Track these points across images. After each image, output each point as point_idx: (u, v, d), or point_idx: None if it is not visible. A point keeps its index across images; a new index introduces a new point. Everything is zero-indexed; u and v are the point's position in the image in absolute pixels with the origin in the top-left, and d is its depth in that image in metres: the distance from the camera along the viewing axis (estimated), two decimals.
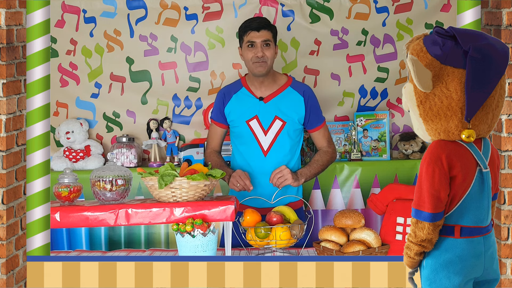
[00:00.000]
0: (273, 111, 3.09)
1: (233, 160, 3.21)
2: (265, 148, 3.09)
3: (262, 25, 3.03)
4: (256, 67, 3.03)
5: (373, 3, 3.68)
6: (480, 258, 1.81)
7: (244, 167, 3.12)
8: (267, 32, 3.03)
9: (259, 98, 3.10)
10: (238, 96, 3.13)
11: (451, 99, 1.75)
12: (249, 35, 3.03)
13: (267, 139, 3.09)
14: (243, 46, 3.07)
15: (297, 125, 3.13)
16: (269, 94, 3.11)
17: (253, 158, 3.11)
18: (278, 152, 3.09)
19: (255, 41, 3.01)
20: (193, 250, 2.50)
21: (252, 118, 3.09)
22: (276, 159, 3.09)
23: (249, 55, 3.03)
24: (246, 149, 3.12)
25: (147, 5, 3.65)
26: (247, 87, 3.13)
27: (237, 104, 3.12)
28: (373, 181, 3.63)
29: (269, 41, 3.03)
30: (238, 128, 3.13)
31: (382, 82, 3.79)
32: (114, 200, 2.65)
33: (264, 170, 3.08)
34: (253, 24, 3.04)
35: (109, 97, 3.76)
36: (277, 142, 3.09)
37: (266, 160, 3.09)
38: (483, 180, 1.80)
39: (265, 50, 3.02)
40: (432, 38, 1.77)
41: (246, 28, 3.05)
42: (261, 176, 3.08)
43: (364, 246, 2.59)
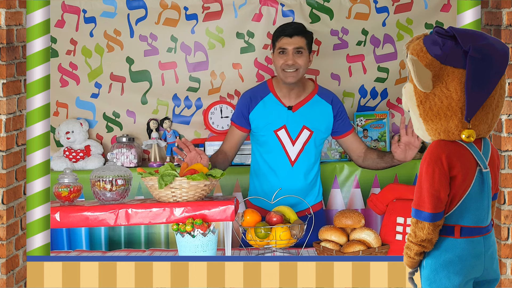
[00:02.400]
0: (301, 120, 3.03)
1: (256, 166, 3.14)
2: (292, 158, 3.04)
3: (296, 31, 2.92)
4: (286, 76, 2.93)
5: (373, 3, 3.68)
6: (480, 258, 1.81)
7: (270, 176, 3.08)
8: (300, 38, 2.93)
9: (287, 107, 3.02)
10: (265, 103, 3.05)
11: (451, 99, 1.75)
12: (281, 41, 2.93)
13: (294, 149, 3.04)
14: (274, 52, 2.98)
15: (323, 134, 3.09)
16: (297, 102, 3.04)
17: (280, 167, 3.06)
18: (304, 161, 3.06)
19: (287, 48, 2.92)
20: (193, 250, 2.50)
21: (280, 128, 3.04)
22: (303, 169, 3.06)
23: (279, 61, 2.93)
24: (273, 158, 3.06)
25: (147, 5, 3.65)
26: (274, 94, 3.05)
27: (264, 112, 3.05)
28: (373, 181, 3.63)
29: (302, 48, 2.93)
30: (264, 137, 3.07)
31: (382, 82, 3.79)
32: (114, 200, 2.65)
33: (291, 179, 3.06)
34: (287, 29, 2.94)
35: (109, 97, 3.76)
36: (304, 152, 3.05)
37: (293, 170, 3.06)
38: (483, 180, 1.80)
39: (296, 57, 2.91)
40: (432, 38, 1.77)
41: (279, 34, 2.95)
42: (288, 186, 3.04)
43: (364, 246, 2.59)
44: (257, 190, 3.15)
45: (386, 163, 3.01)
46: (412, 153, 2.85)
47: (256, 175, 3.15)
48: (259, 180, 3.14)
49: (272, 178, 3.07)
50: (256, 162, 3.15)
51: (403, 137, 2.83)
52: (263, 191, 3.10)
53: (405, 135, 2.83)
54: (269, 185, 3.08)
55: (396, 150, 2.87)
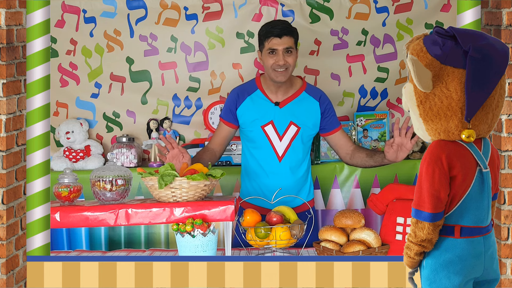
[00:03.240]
0: (288, 116, 3.06)
1: (245, 162, 3.17)
2: (279, 153, 3.07)
3: (285, 31, 2.94)
4: (277, 76, 2.96)
5: (373, 3, 3.68)
6: (480, 258, 1.81)
7: (258, 171, 3.10)
8: (289, 38, 2.95)
9: (274, 103, 3.05)
10: (252, 99, 3.08)
11: (451, 99, 1.75)
12: (270, 42, 2.95)
13: (282, 145, 3.06)
14: (263, 52, 2.99)
15: (310, 131, 3.11)
16: (285, 99, 3.07)
17: (268, 163, 3.08)
18: (292, 157, 3.08)
19: (277, 48, 2.94)
20: (193, 250, 2.50)
21: (267, 123, 3.06)
22: (290, 164, 3.08)
23: (269, 62, 2.95)
24: (260, 153, 3.09)
25: (147, 5, 3.65)
26: (262, 90, 3.08)
27: (251, 107, 3.08)
28: (373, 181, 3.63)
29: (291, 48, 2.95)
30: (252, 132, 3.09)
31: (382, 82, 3.79)
32: (114, 200, 2.65)
33: (278, 175, 3.08)
34: (276, 30, 2.95)
35: (109, 97, 3.76)
36: (291, 148, 3.07)
37: (280, 165, 3.08)
38: (483, 180, 1.80)
39: (287, 57, 2.94)
40: (432, 38, 1.77)
41: (268, 34, 2.96)
42: (275, 181, 3.07)
43: (364, 246, 2.59)
44: (248, 187, 3.17)
45: (375, 162, 3.03)
46: (403, 155, 2.89)
47: (246, 172, 3.17)
48: (248, 177, 3.17)
49: (261, 174, 3.10)
50: (245, 159, 3.18)
51: (396, 138, 2.87)
52: (253, 188, 3.13)
53: (398, 136, 2.86)
54: (258, 181, 3.11)
55: (388, 151, 2.90)
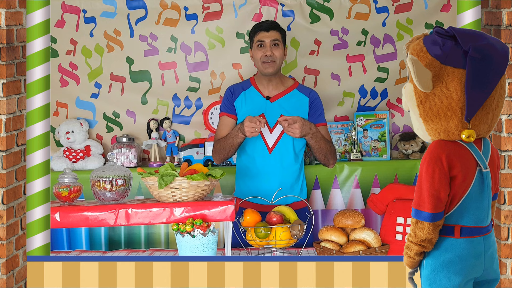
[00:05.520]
0: (279, 110, 3.15)
1: (238, 156, 3.25)
2: (270, 145, 3.15)
3: (272, 26, 3.15)
4: (266, 67, 3.12)
5: (373, 3, 3.68)
6: (480, 258, 1.81)
7: (249, 163, 3.18)
8: (276, 32, 3.14)
9: (266, 97, 3.17)
10: (246, 94, 3.20)
11: (451, 99, 1.75)
12: (258, 35, 3.14)
13: (272, 137, 3.14)
14: (253, 47, 3.18)
15: None
16: (276, 94, 3.18)
17: (258, 154, 3.16)
18: (282, 149, 3.15)
19: (265, 40, 3.12)
20: (193, 250, 2.50)
21: (259, 116, 3.12)
22: (281, 156, 3.15)
23: (258, 54, 3.13)
24: (252, 145, 3.17)
25: (147, 5, 3.65)
26: (255, 86, 3.21)
27: (245, 101, 3.19)
28: (373, 181, 3.63)
29: (278, 41, 3.13)
30: None
31: (382, 82, 3.79)
32: (114, 200, 2.65)
33: (268, 166, 3.14)
34: (263, 24, 3.17)
35: (109, 97, 3.76)
36: (281, 141, 3.14)
37: (271, 157, 3.15)
38: (483, 180, 1.80)
39: (274, 49, 3.12)
40: (432, 38, 1.77)
41: (256, 29, 3.17)
42: (266, 173, 3.14)
43: (364, 246, 2.59)
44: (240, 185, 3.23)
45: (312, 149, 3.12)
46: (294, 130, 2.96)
47: (239, 170, 3.24)
48: (240, 174, 3.23)
49: (251, 165, 3.16)
50: (239, 158, 3.25)
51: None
52: (246, 185, 3.19)
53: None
54: (250, 175, 3.18)
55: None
